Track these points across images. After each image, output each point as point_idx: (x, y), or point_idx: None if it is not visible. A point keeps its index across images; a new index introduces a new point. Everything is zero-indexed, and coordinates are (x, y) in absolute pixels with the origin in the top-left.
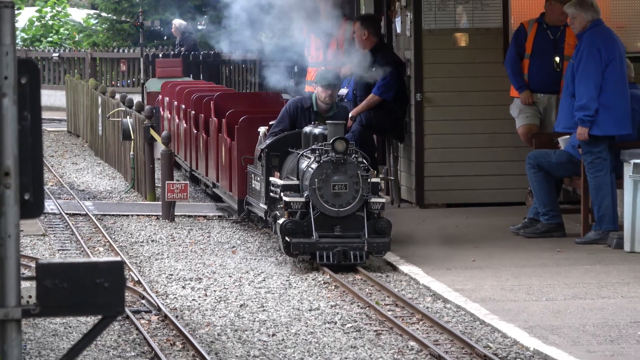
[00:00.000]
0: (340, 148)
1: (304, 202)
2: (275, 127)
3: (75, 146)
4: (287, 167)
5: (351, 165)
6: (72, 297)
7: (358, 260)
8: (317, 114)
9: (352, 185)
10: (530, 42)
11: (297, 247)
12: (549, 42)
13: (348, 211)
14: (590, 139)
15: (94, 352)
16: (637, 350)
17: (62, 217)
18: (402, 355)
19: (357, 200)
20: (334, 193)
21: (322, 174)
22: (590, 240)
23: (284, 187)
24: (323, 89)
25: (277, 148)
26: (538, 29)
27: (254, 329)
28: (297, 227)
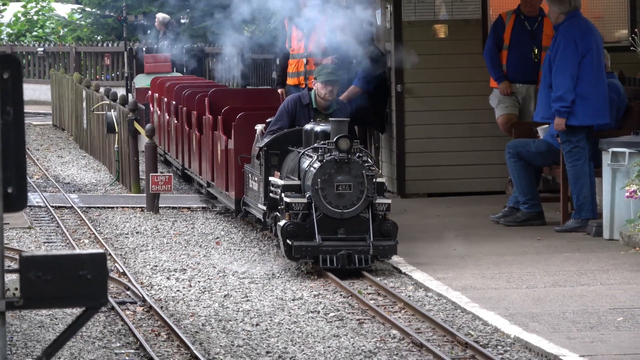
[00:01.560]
0: (344, 147)
1: (306, 203)
2: (274, 125)
3: (61, 139)
4: (288, 167)
5: (356, 165)
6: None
7: (363, 264)
8: (316, 111)
9: (357, 186)
10: (508, 34)
11: (299, 251)
12: (526, 33)
13: (352, 213)
14: (567, 129)
15: (80, 343)
16: (616, 336)
17: (48, 210)
18: (385, 344)
19: (362, 201)
20: (338, 194)
21: (325, 173)
22: (570, 229)
23: (284, 188)
24: (323, 85)
25: (276, 146)
26: (516, 20)
27: (238, 319)
28: (299, 229)
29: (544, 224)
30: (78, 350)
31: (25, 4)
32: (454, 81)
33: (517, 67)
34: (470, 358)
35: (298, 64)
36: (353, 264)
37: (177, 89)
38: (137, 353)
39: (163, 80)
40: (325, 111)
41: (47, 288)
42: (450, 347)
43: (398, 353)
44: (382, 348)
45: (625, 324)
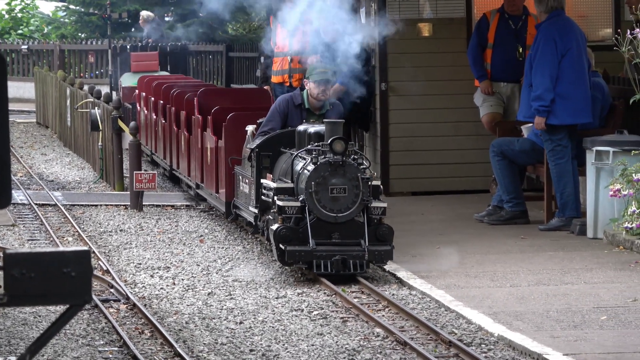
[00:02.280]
0: (339, 149)
1: (300, 207)
2: (265, 126)
3: (44, 137)
4: (280, 169)
5: (350, 167)
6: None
7: (358, 269)
8: (308, 111)
9: (352, 189)
10: (493, 32)
11: (292, 256)
12: (510, 32)
13: (347, 217)
14: (548, 128)
15: (63, 341)
16: (600, 335)
17: (32, 208)
18: (368, 342)
19: (357, 205)
20: (332, 197)
21: (319, 176)
22: (554, 227)
23: (277, 190)
24: (315, 85)
25: (268, 148)
26: (500, 19)
27: (222, 317)
28: (292, 233)
29: (528, 223)
30: (61, 347)
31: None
32: (438, 80)
33: (502, 66)
34: (454, 356)
35: (282, 61)
36: (348, 270)
37: (165, 88)
38: (120, 351)
39: (150, 79)
40: (318, 111)
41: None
42: (434, 346)
43: (382, 351)
44: (366, 346)
45: (609, 323)
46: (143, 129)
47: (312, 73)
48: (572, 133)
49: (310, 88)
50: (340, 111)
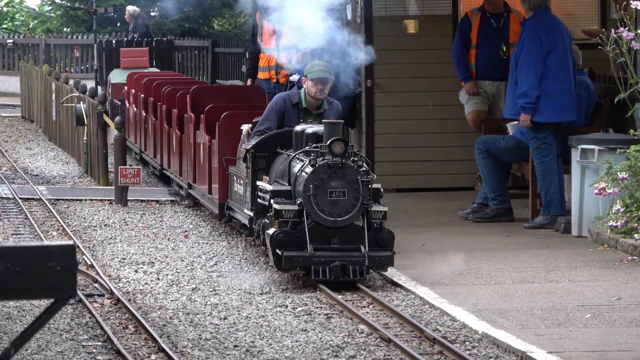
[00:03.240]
0: (338, 150)
1: (297, 211)
2: (261, 125)
3: (29, 131)
4: (276, 170)
5: (350, 170)
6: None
7: (358, 276)
8: (306, 111)
9: (352, 192)
10: (475, 32)
11: (289, 262)
12: (493, 31)
13: (346, 221)
14: (534, 126)
15: (47, 335)
16: (584, 333)
17: (16, 202)
18: (352, 339)
19: (357, 208)
20: (331, 201)
21: (317, 179)
22: (538, 225)
23: (273, 193)
24: (313, 83)
25: (264, 148)
26: (482, 18)
27: (206, 313)
28: (289, 238)
29: (513, 220)
30: (45, 342)
31: None
32: (424, 77)
33: (486, 65)
34: (438, 353)
35: (269, 58)
36: (347, 276)
37: (155, 85)
38: (104, 345)
39: (140, 75)
40: (316, 111)
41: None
42: (418, 343)
43: (366, 348)
44: (350, 343)
45: (593, 321)
46: (132, 127)
47: (310, 71)
48: (558, 131)
49: (308, 86)
50: (338, 110)
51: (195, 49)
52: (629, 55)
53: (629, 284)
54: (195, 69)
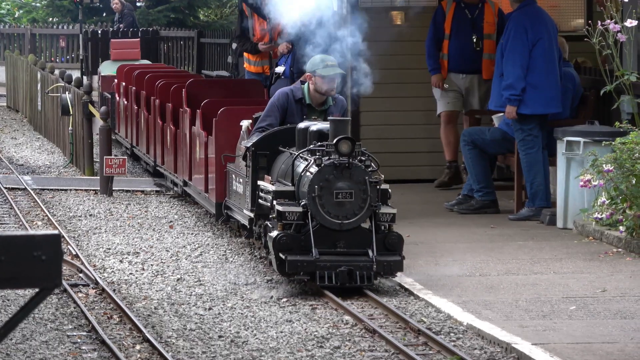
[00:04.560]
0: (345, 149)
1: (301, 213)
2: (262, 122)
3: (15, 121)
4: (279, 169)
5: (357, 170)
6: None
7: (365, 281)
8: (309, 107)
9: (359, 194)
10: (449, 22)
11: (293, 266)
12: (467, 21)
13: (353, 224)
14: (519, 118)
15: (32, 325)
16: (568, 325)
17: (1, 191)
18: (337, 330)
19: (365, 210)
20: (337, 202)
21: (323, 179)
22: (524, 217)
23: (276, 194)
24: (325, 80)
25: (265, 146)
26: (456, 9)
27: (191, 303)
28: (293, 241)
29: (498, 212)
30: (30, 332)
31: None
32: (410, 68)
33: (458, 56)
34: (422, 345)
35: (262, 53)
36: (354, 282)
37: (148, 79)
38: (89, 335)
39: (131, 68)
40: (320, 107)
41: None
42: (403, 334)
43: (350, 339)
44: (335, 334)
45: (578, 313)
46: (122, 121)
47: (319, 67)
48: (543, 123)
49: (316, 83)
50: (344, 106)
51: (181, 40)
52: (615, 47)
53: (614, 276)
54: (181, 59)
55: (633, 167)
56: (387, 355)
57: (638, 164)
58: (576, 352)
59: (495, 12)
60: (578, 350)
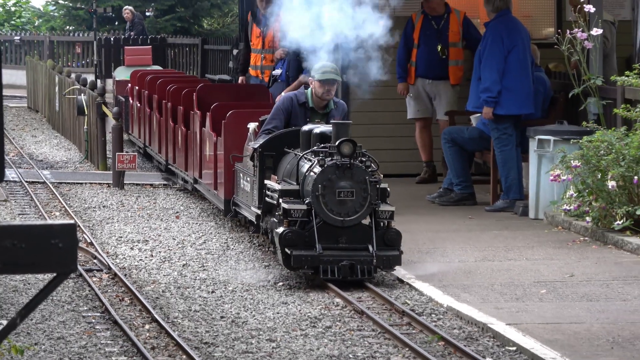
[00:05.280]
0: (347, 151)
1: (306, 210)
2: (268, 124)
3: (35, 120)
4: (284, 169)
5: (358, 170)
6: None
7: (366, 275)
8: (312, 110)
9: (360, 192)
10: (417, 32)
11: (298, 261)
12: (433, 32)
13: (354, 221)
14: (495, 118)
15: (50, 306)
16: (539, 307)
17: (22, 185)
18: (329, 311)
19: (365, 208)
20: (339, 200)
21: (326, 179)
22: (499, 208)
23: (282, 193)
24: (320, 84)
25: (271, 147)
26: (424, 20)
27: (195, 287)
28: (298, 237)
29: (475, 204)
30: (49, 312)
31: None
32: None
33: (425, 63)
34: (406, 325)
35: (256, 58)
36: (355, 275)
37: (160, 83)
38: (102, 316)
39: (143, 73)
40: (322, 110)
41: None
42: (388, 315)
43: (341, 319)
44: (327, 315)
45: (548, 296)
46: (136, 122)
47: (318, 72)
48: (517, 123)
49: (314, 87)
50: (344, 110)
51: (186, 46)
52: (582, 53)
53: (581, 262)
54: (187, 64)
55: (598, 163)
56: (374, 334)
57: (603, 161)
58: (546, 331)
59: (460, 22)
60: (548, 330)
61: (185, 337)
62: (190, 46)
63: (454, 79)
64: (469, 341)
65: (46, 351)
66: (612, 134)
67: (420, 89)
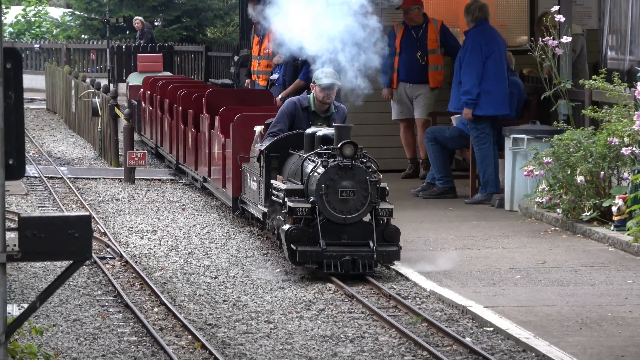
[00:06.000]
0: (348, 152)
1: (310, 208)
2: (274, 127)
3: (53, 121)
4: (289, 170)
5: (359, 170)
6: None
7: (367, 269)
8: (314, 114)
9: (361, 191)
10: (399, 41)
11: (303, 256)
12: (413, 40)
13: (356, 218)
14: (474, 118)
15: (67, 291)
16: (514, 291)
17: (42, 180)
18: (322, 295)
19: (366, 206)
20: (342, 199)
21: (329, 179)
22: (477, 201)
23: (287, 192)
24: (320, 89)
25: (276, 149)
26: (404, 30)
27: (200, 273)
28: (303, 234)
29: (456, 197)
30: (66, 297)
31: (25, 8)
32: None
33: (406, 69)
34: (393, 307)
35: (254, 63)
36: (357, 270)
37: (171, 89)
38: (115, 300)
39: (155, 79)
40: (324, 114)
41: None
42: (376, 299)
43: (333, 302)
44: (320, 298)
45: (522, 281)
46: (148, 124)
47: (318, 77)
48: (494, 123)
49: (316, 92)
50: (344, 114)
51: (191, 53)
52: (553, 59)
53: (552, 250)
54: (192, 70)
55: (568, 159)
56: (364, 316)
57: (572, 157)
58: (521, 313)
59: (438, 30)
60: (522, 312)
61: (190, 319)
62: (195, 53)
63: (434, 83)
64: (450, 322)
65: (63, 332)
66: (581, 133)
67: (403, 93)
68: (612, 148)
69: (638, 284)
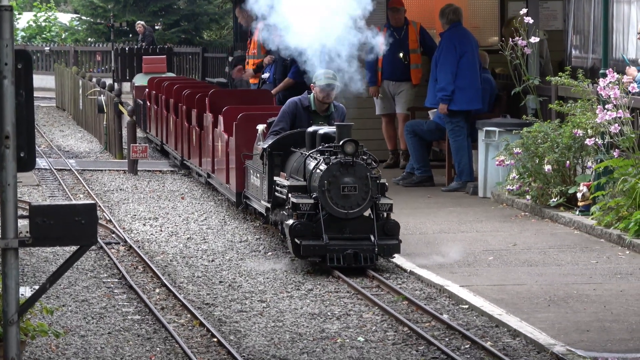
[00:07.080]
0: (350, 150)
1: (313, 204)
2: (276, 126)
3: (62, 118)
4: (291, 167)
5: (360, 167)
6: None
7: (369, 262)
8: (315, 113)
9: (362, 187)
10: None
11: (307, 250)
12: (396, 41)
13: (357, 213)
14: (449, 113)
15: (76, 274)
16: (487, 272)
17: (52, 172)
18: (310, 276)
19: (367, 202)
20: (343, 195)
21: (331, 175)
22: (453, 189)
23: (290, 188)
24: (320, 89)
25: (279, 147)
26: (388, 32)
27: (198, 256)
28: (306, 228)
29: (433, 185)
30: (74, 279)
31: (36, 14)
32: None
33: (389, 68)
34: (376, 287)
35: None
36: (359, 263)
37: (176, 89)
38: (120, 282)
39: (160, 80)
40: (324, 113)
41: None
42: (360, 279)
43: (321, 283)
44: (309, 279)
45: (495, 262)
46: (153, 122)
47: (318, 78)
48: (467, 117)
49: (316, 92)
50: (343, 113)
51: (189, 54)
52: (522, 58)
53: (522, 234)
54: (189, 70)
55: (536, 150)
56: (349, 295)
57: (540, 148)
58: (494, 292)
59: (417, 31)
60: (495, 291)
61: (189, 299)
62: (193, 54)
63: (415, 80)
64: (429, 300)
65: (72, 311)
66: (548, 126)
67: (386, 89)
68: (577, 139)
69: (601, 264)
